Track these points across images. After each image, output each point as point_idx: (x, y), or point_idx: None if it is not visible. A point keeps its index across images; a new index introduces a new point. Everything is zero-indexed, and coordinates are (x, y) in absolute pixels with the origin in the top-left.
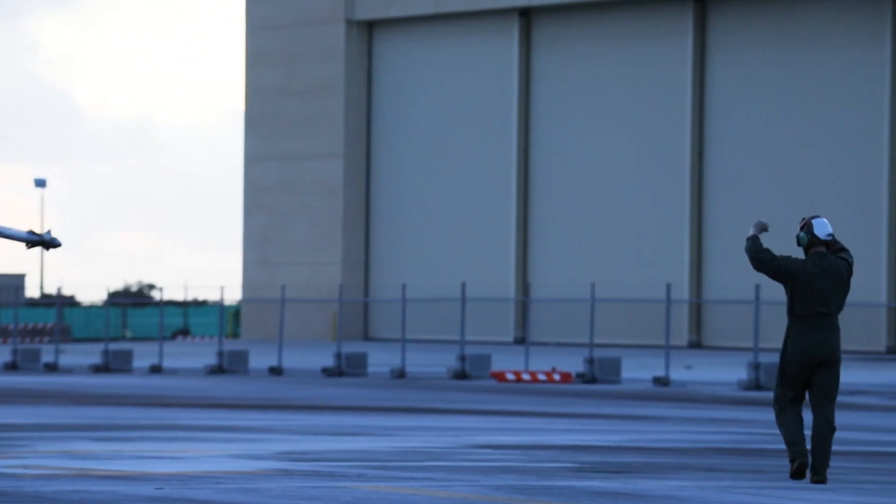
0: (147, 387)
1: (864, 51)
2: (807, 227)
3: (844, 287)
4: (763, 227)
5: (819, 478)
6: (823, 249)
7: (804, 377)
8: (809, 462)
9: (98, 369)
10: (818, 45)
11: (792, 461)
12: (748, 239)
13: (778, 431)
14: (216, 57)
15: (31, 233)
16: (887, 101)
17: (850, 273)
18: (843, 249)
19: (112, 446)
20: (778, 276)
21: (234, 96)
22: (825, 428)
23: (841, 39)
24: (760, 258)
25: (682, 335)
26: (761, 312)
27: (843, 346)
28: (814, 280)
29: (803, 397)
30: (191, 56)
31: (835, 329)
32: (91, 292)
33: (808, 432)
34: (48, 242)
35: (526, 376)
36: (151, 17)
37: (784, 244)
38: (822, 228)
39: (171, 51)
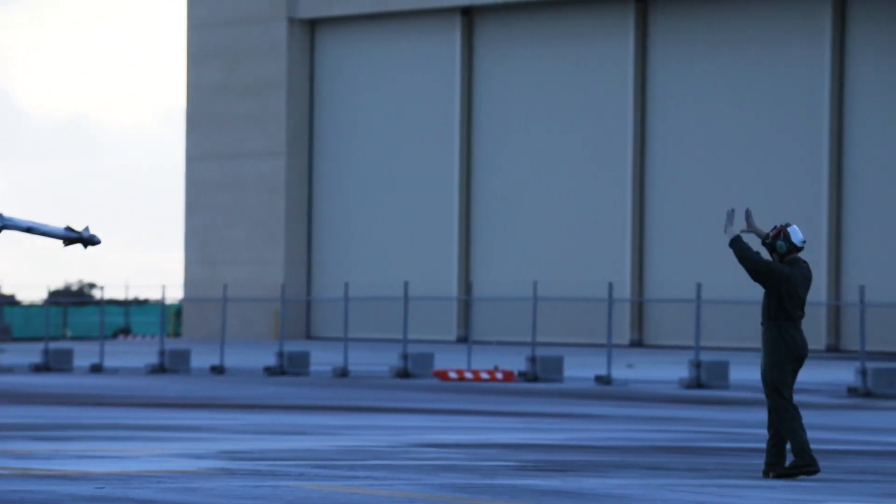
0: (88, 386)
1: (803, 49)
2: (783, 235)
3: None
4: (732, 217)
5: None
6: (798, 255)
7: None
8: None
9: (38, 368)
10: (758, 44)
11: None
12: (733, 242)
13: (766, 432)
14: (157, 55)
15: (69, 229)
16: (827, 99)
17: None
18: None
19: (52, 446)
20: (769, 281)
21: (175, 94)
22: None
23: (781, 38)
24: (757, 270)
25: (623, 334)
26: (702, 311)
27: None
28: (798, 286)
29: None
30: (132, 54)
31: None
32: (31, 291)
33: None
34: (87, 240)
35: (468, 375)
36: (92, 15)
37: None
38: (797, 236)
39: (112, 48)
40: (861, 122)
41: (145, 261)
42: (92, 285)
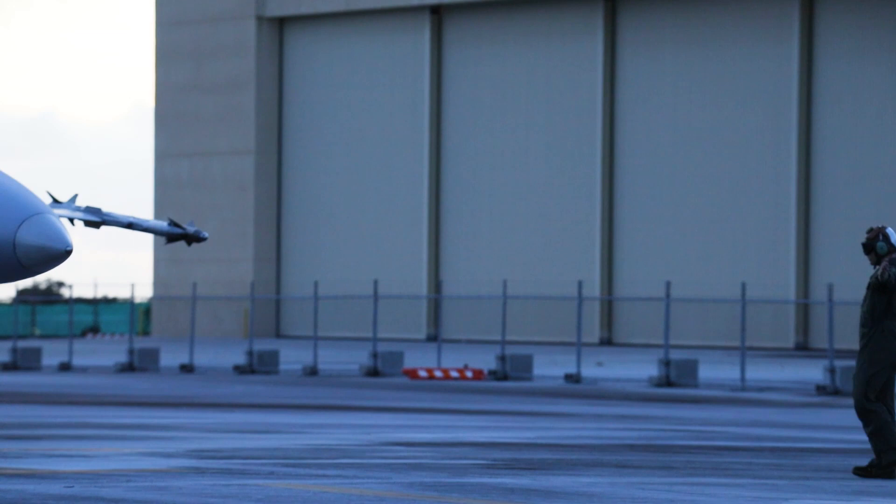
0: (56, 385)
1: (772, 48)
2: (883, 236)
3: None
4: None
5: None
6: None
7: None
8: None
9: (6, 367)
10: (727, 43)
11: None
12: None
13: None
14: (125, 53)
15: (173, 224)
16: (795, 98)
17: None
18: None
19: (20, 445)
20: (893, 287)
21: (143, 92)
22: None
23: (749, 37)
24: (890, 282)
25: (593, 332)
26: (671, 310)
27: (751, 342)
28: None
29: None
30: (100, 51)
31: None
32: None
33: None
34: (192, 236)
35: (438, 373)
36: (60, 12)
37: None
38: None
39: (80, 46)
40: (829, 120)
41: (114, 259)
42: (60, 283)
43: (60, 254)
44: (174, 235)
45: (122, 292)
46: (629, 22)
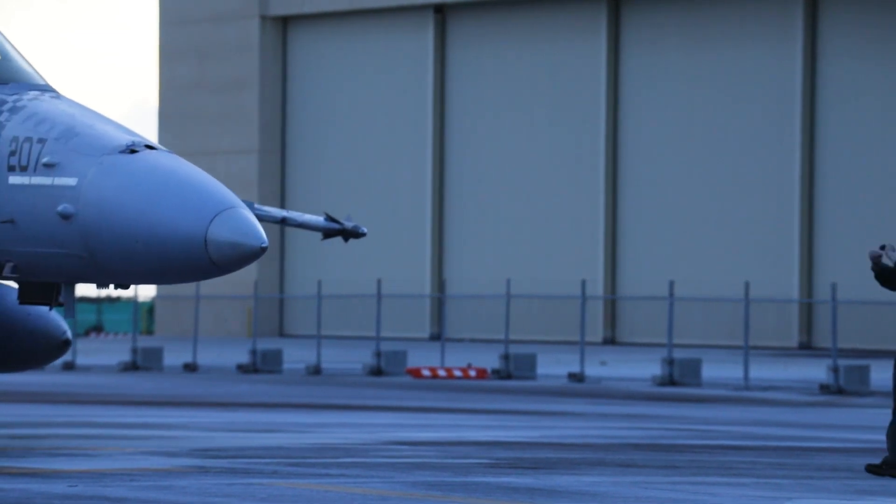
0: (60, 384)
1: (776, 48)
2: None
3: None
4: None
5: None
6: None
7: None
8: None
9: None
10: (730, 42)
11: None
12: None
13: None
14: (129, 52)
15: (329, 219)
16: (799, 96)
17: None
18: None
19: (24, 444)
20: None
21: (147, 92)
22: None
23: (753, 37)
24: None
25: (596, 331)
26: (675, 309)
27: (755, 341)
28: None
29: None
30: (103, 51)
31: None
32: None
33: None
34: (350, 231)
35: (442, 373)
36: (61, 12)
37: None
38: None
39: (82, 46)
40: (833, 119)
41: None
42: None
43: (255, 251)
44: (331, 231)
45: (125, 291)
46: (633, 21)
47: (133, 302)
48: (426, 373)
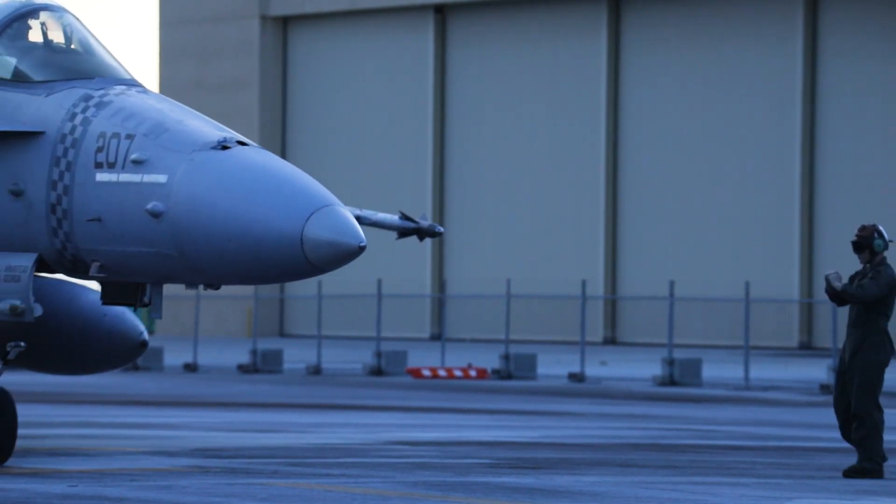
0: (60, 384)
1: (776, 47)
2: (879, 233)
3: None
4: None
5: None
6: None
7: None
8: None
9: None
10: (731, 42)
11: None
12: (844, 294)
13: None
14: (130, 52)
15: (404, 218)
16: (799, 96)
17: None
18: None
19: (24, 443)
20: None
21: None
22: None
23: (753, 36)
24: (884, 292)
25: (597, 331)
26: (675, 309)
27: (755, 341)
28: None
29: None
30: None
31: None
32: None
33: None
34: (425, 230)
35: (442, 372)
36: None
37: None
38: (886, 234)
39: None
40: (833, 118)
41: None
42: None
43: (353, 250)
44: (406, 230)
45: None
46: (633, 21)
47: None
48: (426, 373)
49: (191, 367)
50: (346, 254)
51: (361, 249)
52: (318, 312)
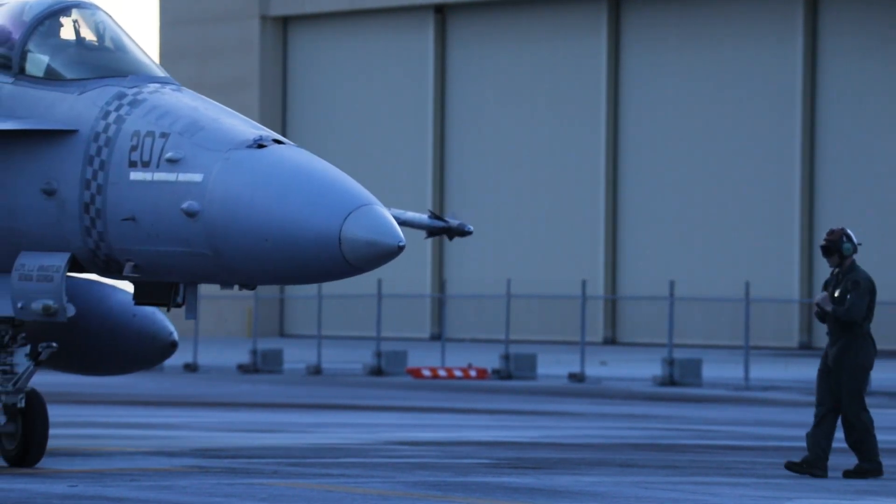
0: (61, 384)
1: (776, 47)
2: (847, 237)
3: None
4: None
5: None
6: None
7: None
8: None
9: None
10: (731, 41)
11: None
12: (835, 314)
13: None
14: None
15: (434, 217)
16: (799, 96)
17: None
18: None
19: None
20: (874, 297)
21: None
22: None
23: (753, 36)
24: (864, 302)
25: (597, 331)
26: (675, 309)
27: (755, 341)
28: None
29: None
30: None
31: None
32: None
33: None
34: (455, 229)
35: (442, 372)
36: None
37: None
38: (854, 238)
39: None
40: (833, 118)
41: None
42: None
43: (392, 250)
44: (435, 229)
45: None
46: (633, 20)
47: None
48: (426, 373)
49: (191, 367)
50: (385, 253)
51: (401, 249)
52: (318, 312)
